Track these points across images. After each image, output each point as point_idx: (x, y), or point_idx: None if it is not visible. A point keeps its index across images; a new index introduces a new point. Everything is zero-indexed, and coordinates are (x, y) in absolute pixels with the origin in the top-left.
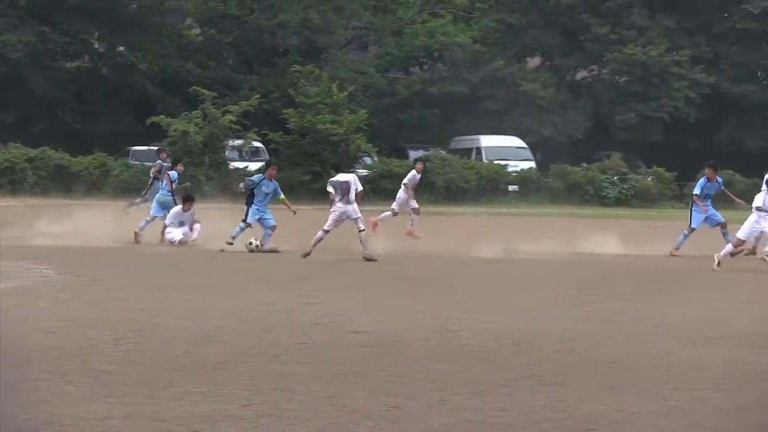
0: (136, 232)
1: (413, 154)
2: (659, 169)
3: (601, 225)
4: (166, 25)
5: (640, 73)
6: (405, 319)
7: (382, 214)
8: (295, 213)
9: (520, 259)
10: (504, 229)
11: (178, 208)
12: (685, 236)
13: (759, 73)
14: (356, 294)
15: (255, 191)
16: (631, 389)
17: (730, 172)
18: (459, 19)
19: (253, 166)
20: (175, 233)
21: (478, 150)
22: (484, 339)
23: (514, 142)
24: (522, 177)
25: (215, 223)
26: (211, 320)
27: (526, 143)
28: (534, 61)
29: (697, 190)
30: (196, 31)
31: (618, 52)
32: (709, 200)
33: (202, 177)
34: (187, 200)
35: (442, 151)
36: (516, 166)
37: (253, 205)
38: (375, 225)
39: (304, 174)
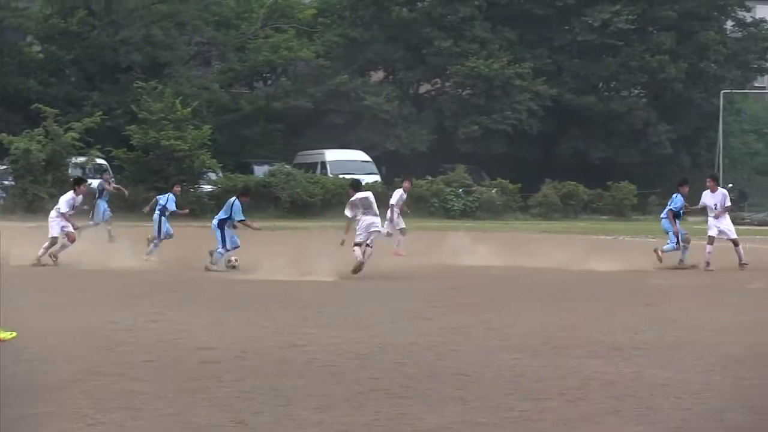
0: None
1: (258, 169)
2: (503, 181)
3: (448, 237)
4: (6, 42)
5: (483, 86)
6: (250, 334)
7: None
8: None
9: (367, 272)
10: (350, 242)
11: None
12: (686, 248)
13: (600, 85)
14: (201, 310)
15: (225, 212)
16: (477, 400)
17: (574, 183)
18: (302, 33)
19: (96, 182)
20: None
21: (323, 164)
22: (330, 353)
23: (359, 155)
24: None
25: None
26: (55, 339)
27: (371, 157)
28: (377, 75)
29: (672, 205)
30: (37, 48)
31: (461, 65)
32: (679, 219)
33: (45, 195)
34: (78, 182)
35: (287, 166)
36: (361, 179)
37: (226, 228)
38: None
39: (148, 190)
